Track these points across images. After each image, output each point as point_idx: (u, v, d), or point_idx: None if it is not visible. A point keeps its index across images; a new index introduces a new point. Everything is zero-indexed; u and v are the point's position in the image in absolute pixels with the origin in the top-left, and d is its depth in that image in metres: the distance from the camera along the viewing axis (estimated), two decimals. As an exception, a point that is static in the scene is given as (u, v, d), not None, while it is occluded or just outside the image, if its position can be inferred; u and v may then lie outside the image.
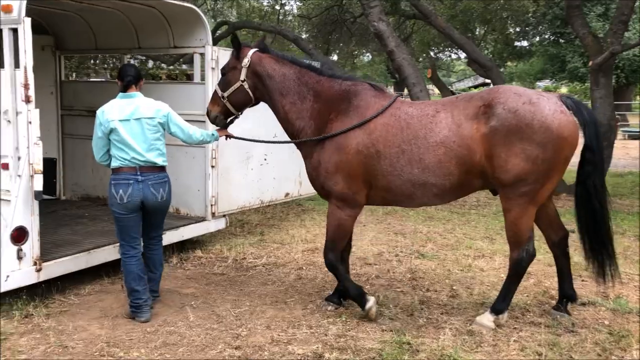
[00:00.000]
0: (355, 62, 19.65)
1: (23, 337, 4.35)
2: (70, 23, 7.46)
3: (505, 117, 4.20)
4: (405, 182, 4.45)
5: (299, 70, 4.77)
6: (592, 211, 4.51)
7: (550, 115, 4.17)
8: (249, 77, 4.77)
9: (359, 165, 4.51)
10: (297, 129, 4.77)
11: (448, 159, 4.32)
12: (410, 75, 9.61)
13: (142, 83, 4.80)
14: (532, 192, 4.23)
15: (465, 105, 4.40)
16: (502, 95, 4.32)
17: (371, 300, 4.65)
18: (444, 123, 4.35)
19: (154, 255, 4.96)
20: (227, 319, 4.72)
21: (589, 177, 4.45)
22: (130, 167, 4.55)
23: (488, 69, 10.97)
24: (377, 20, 9.48)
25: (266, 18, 14.81)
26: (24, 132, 4.66)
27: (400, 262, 6.40)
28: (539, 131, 4.14)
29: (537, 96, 4.27)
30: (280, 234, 7.61)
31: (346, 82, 4.74)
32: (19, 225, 4.66)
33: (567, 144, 4.19)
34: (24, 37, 4.60)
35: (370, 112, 4.54)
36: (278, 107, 4.81)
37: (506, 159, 4.19)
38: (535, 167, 4.17)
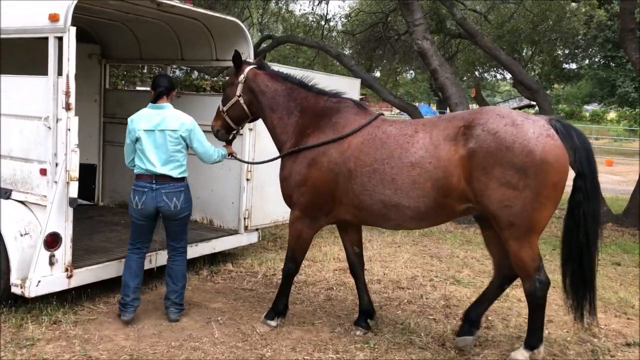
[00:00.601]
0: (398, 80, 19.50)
1: (49, 344, 4.36)
2: (116, 33, 7.60)
3: (484, 139, 3.99)
4: (376, 202, 4.34)
5: (290, 87, 4.85)
6: (578, 245, 4.16)
7: (534, 138, 3.91)
8: (244, 93, 4.92)
9: (328, 182, 4.50)
10: (281, 142, 4.88)
11: (423, 181, 4.15)
12: (453, 94, 9.43)
13: (174, 94, 4.90)
14: (523, 221, 3.96)
15: (446, 126, 4.21)
16: (483, 116, 4.12)
17: (275, 323, 4.83)
18: (421, 143, 4.21)
19: (176, 267, 4.95)
20: (252, 337, 4.63)
21: (578, 206, 4.10)
22: (147, 175, 4.69)
23: (534, 91, 10.67)
24: (422, 38, 9.35)
25: (310, 33, 14.84)
26: (63, 138, 4.71)
27: (434, 287, 6.20)
28: (520, 155, 3.89)
29: (522, 119, 4.02)
30: (313, 251, 7.50)
31: (332, 99, 4.76)
32: (52, 231, 4.69)
33: (552, 169, 3.88)
34: (68, 45, 4.66)
35: (346, 130, 4.52)
36: (268, 122, 4.95)
37: (486, 183, 3.97)
38: (518, 193, 3.91)
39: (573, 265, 4.24)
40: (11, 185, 5.11)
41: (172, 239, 4.93)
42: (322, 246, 7.79)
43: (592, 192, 4.09)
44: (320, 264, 6.93)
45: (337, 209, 4.57)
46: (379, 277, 6.44)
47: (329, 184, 4.49)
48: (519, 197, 3.91)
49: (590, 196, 4.09)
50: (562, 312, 5.62)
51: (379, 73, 18.07)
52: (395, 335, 4.77)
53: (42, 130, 4.81)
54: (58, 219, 4.73)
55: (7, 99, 5.10)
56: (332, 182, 4.48)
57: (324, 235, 8.53)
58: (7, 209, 4.93)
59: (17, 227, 4.83)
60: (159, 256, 5.51)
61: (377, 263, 7.07)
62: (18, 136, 5.03)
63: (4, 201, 5.02)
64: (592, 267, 4.20)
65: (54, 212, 4.70)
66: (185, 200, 4.77)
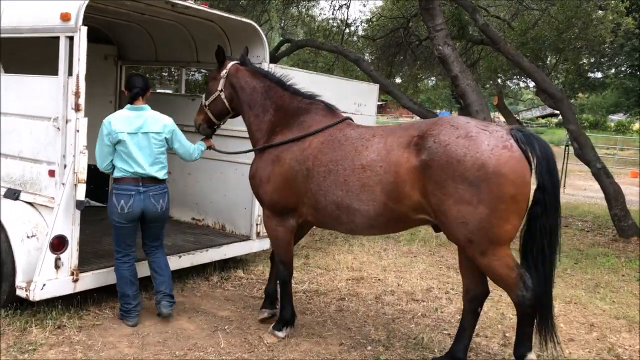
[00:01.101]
0: (419, 86, 19.25)
1: (52, 349, 4.26)
2: (133, 34, 7.56)
3: (435, 152, 3.84)
4: (330, 203, 4.30)
5: (268, 85, 4.86)
6: (533, 259, 3.92)
7: (488, 151, 3.72)
8: (226, 88, 4.96)
9: (289, 180, 4.49)
10: (255, 140, 4.89)
11: (373, 184, 4.07)
12: (474, 102, 9.19)
13: (149, 94, 4.86)
14: (482, 237, 3.77)
15: (402, 134, 4.12)
16: (437, 127, 3.96)
17: (284, 334, 4.69)
18: (374, 147, 4.15)
19: (157, 259, 4.97)
20: (259, 348, 4.48)
21: (536, 220, 3.88)
22: (132, 178, 4.65)
23: (558, 100, 10.37)
24: (442, 44, 9.14)
25: (330, 38, 14.71)
26: (72, 140, 4.62)
27: (450, 300, 5.99)
28: (471, 169, 3.70)
29: (478, 130, 3.82)
30: (326, 259, 7.34)
31: (305, 100, 4.77)
32: (59, 233, 4.61)
33: (508, 181, 3.68)
34: (79, 45, 4.58)
35: (311, 130, 4.54)
36: (245, 118, 4.96)
37: (442, 198, 3.80)
38: (472, 209, 3.72)
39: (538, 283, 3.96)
40: (20, 186, 5.05)
41: (151, 240, 4.94)
42: (335, 254, 7.62)
43: (551, 206, 3.88)
44: (333, 272, 6.76)
45: (301, 208, 4.53)
46: (392, 288, 6.25)
47: (290, 182, 4.49)
48: (474, 213, 3.73)
49: (549, 210, 3.88)
50: (583, 330, 5.38)
51: (399, 79, 17.87)
52: (408, 351, 4.59)
53: (52, 131, 4.74)
54: (65, 221, 4.64)
55: (18, 99, 5.04)
56: (293, 180, 4.47)
57: (338, 242, 8.37)
58: (15, 210, 4.87)
59: (24, 228, 4.75)
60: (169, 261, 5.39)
61: (392, 273, 6.88)
62: (28, 136, 4.97)
63: (12, 202, 4.95)
64: (547, 283, 3.96)
65: (60, 214, 4.62)
66: (168, 201, 4.85)
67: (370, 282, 6.48)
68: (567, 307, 6.02)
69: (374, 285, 6.37)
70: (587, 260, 8.29)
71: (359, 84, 8.46)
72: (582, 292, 6.62)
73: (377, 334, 4.91)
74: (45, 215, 4.84)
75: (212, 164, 6.68)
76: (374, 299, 5.86)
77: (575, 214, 12.86)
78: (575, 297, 6.35)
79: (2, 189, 5.14)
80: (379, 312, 5.50)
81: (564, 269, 7.72)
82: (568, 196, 14.88)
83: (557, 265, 4.06)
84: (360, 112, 7.93)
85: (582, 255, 8.60)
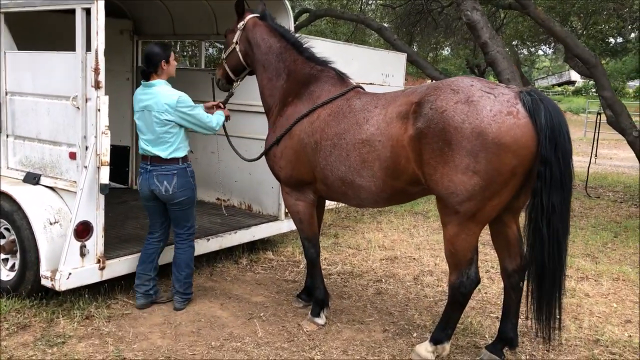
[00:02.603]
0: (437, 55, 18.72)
1: (81, 341, 4.04)
2: (149, 7, 7.20)
3: (430, 119, 3.52)
4: (336, 179, 4.10)
5: (285, 46, 4.56)
6: (539, 241, 3.52)
7: (489, 117, 3.36)
8: (241, 42, 4.68)
9: (300, 153, 4.28)
10: (268, 105, 4.64)
11: (372, 160, 3.84)
12: (504, 70, 8.74)
13: (164, 66, 4.43)
14: (469, 209, 3.47)
15: (402, 101, 3.80)
16: (435, 91, 3.61)
17: (323, 320, 4.44)
18: (375, 120, 3.88)
19: (179, 254, 4.66)
20: (299, 337, 4.23)
21: (536, 195, 3.48)
22: (144, 156, 4.51)
23: (592, 66, 9.87)
24: (471, 9, 8.67)
25: (347, 7, 14.21)
26: (93, 120, 4.34)
27: (491, 280, 5.70)
28: (469, 137, 3.36)
29: (482, 93, 3.45)
30: (356, 238, 7.06)
31: (316, 66, 4.49)
32: (83, 219, 4.35)
33: (509, 152, 3.33)
34: (96, 17, 4.25)
35: (320, 100, 4.28)
36: (259, 80, 4.70)
37: (435, 167, 3.50)
38: (467, 179, 3.40)
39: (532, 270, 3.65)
40: (40, 169, 4.80)
41: (174, 225, 4.66)
42: (364, 232, 7.34)
43: (554, 181, 3.43)
44: (365, 252, 6.48)
45: (314, 183, 4.32)
46: (430, 268, 5.97)
47: (301, 155, 4.27)
48: (467, 184, 3.41)
49: (552, 186, 3.44)
50: (638, 309, 5.07)
51: (417, 48, 17.34)
52: (457, 338, 4.30)
53: (71, 111, 4.45)
54: (89, 206, 4.38)
55: (34, 77, 4.76)
56: (303, 153, 4.25)
57: (365, 220, 8.08)
58: (36, 196, 4.62)
59: (46, 214, 4.51)
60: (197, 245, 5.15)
61: (427, 252, 6.59)
62: (46, 117, 4.70)
63: (33, 187, 4.70)
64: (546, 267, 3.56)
65: (84, 199, 4.35)
66: (179, 185, 4.43)
67: (405, 261, 6.20)
68: (615, 285, 5.71)
69: (409, 265, 6.09)
70: (626, 233, 7.94)
71: (386, 53, 8.06)
72: (629, 267, 6.29)
73: (421, 319, 4.64)
74: (67, 200, 4.60)
75: (236, 141, 6.37)
76: (412, 280, 5.58)
77: (605, 184, 12.45)
78: (622, 274, 6.03)
79: (21, 172, 4.89)
80: (420, 294, 5.22)
81: (604, 242, 7.39)
82: (596, 166, 14.43)
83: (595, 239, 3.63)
84: (387, 83, 7.57)
85: (620, 228, 8.25)
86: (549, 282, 3.61)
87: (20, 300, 4.52)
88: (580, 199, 10.33)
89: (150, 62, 4.41)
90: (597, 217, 8.97)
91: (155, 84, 4.39)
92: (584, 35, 15.60)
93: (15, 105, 4.95)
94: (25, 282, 4.55)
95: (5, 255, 4.73)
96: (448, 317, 3.88)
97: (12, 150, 5.04)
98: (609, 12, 12.20)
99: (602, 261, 6.53)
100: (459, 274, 3.68)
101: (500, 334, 4.02)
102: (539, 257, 3.57)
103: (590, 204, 9.98)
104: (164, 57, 4.41)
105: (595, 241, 7.38)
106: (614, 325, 4.67)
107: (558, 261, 3.58)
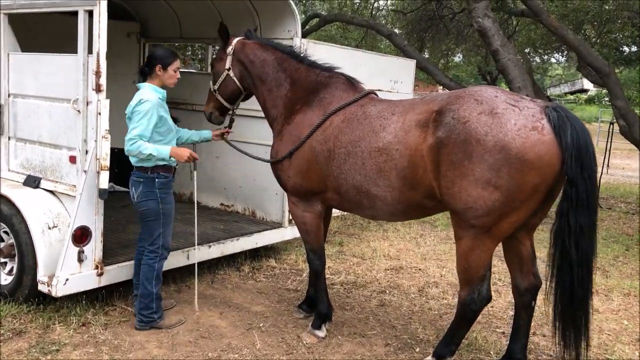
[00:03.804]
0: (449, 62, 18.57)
1: (76, 349, 3.96)
2: (157, 10, 7.16)
3: (452, 129, 3.40)
4: (350, 188, 3.97)
5: (280, 57, 4.49)
6: (567, 262, 3.40)
7: (514, 131, 3.24)
8: (234, 66, 4.58)
9: (311, 162, 4.14)
10: (272, 117, 4.54)
11: (389, 169, 3.71)
12: (515, 78, 8.63)
13: (157, 70, 4.23)
14: (485, 224, 3.37)
15: (422, 109, 3.68)
16: (458, 100, 3.48)
17: (323, 333, 4.34)
18: (392, 127, 3.75)
19: (141, 269, 4.31)
20: (298, 350, 4.12)
21: (562, 216, 3.38)
22: None
23: (604, 75, 9.71)
24: (483, 16, 8.57)
25: (358, 13, 14.13)
26: (93, 123, 4.27)
27: (498, 293, 5.56)
28: (492, 150, 3.25)
29: (507, 106, 3.34)
30: (361, 246, 6.95)
31: (323, 73, 4.39)
32: (81, 225, 4.28)
33: (532, 168, 3.22)
34: (99, 20, 4.18)
35: (331, 107, 4.16)
36: (258, 94, 4.60)
37: (453, 179, 3.38)
38: (488, 194, 3.28)
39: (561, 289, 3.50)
40: (41, 173, 4.74)
41: (140, 235, 4.41)
42: (370, 241, 7.23)
43: (581, 202, 3.34)
44: (370, 261, 6.37)
45: (325, 192, 4.18)
46: (435, 280, 5.84)
47: (312, 164, 4.14)
48: (487, 199, 3.30)
49: (579, 207, 3.34)
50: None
51: (428, 54, 17.22)
52: (461, 353, 4.18)
53: (72, 114, 4.38)
54: (87, 211, 4.31)
55: (36, 79, 4.71)
56: (315, 162, 4.12)
57: (372, 228, 7.97)
58: (35, 199, 4.55)
59: (44, 219, 4.44)
60: (198, 252, 5.07)
61: (432, 262, 6.46)
62: (47, 120, 4.64)
63: (32, 190, 4.64)
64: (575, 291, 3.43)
65: (83, 203, 4.28)
66: (143, 194, 4.17)
67: (410, 272, 6.08)
68: (626, 301, 5.55)
69: (414, 276, 5.96)
70: (638, 246, 7.77)
71: (395, 59, 7.94)
72: (637, 282, 6.13)
73: (425, 333, 4.52)
74: (67, 205, 4.53)
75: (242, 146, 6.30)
76: (417, 292, 5.46)
77: (617, 195, 12.26)
78: (634, 289, 5.87)
79: (22, 176, 4.84)
80: (424, 307, 5.10)
81: (615, 256, 7.23)
82: (607, 176, 14.22)
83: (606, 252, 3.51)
84: (396, 89, 7.45)
85: (632, 241, 8.07)
86: (577, 304, 3.48)
87: (17, 305, 4.46)
88: (592, 210, 10.13)
89: (148, 63, 4.29)
90: (609, 229, 8.80)
91: (141, 87, 4.25)
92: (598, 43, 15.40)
93: (17, 108, 4.90)
94: (23, 286, 4.49)
95: (3, 259, 4.68)
96: (453, 333, 3.77)
97: (14, 153, 4.99)
98: (624, 21, 12.00)
99: (612, 275, 6.37)
100: (470, 290, 3.57)
101: (509, 354, 3.90)
102: (567, 279, 3.45)
103: (601, 215, 9.79)
104: (161, 62, 4.24)
105: (606, 254, 7.22)
106: (624, 344, 4.53)
107: (587, 283, 3.47)
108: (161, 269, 4.37)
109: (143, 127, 4.03)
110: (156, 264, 4.30)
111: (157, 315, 4.34)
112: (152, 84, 4.25)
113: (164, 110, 4.25)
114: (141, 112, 4.05)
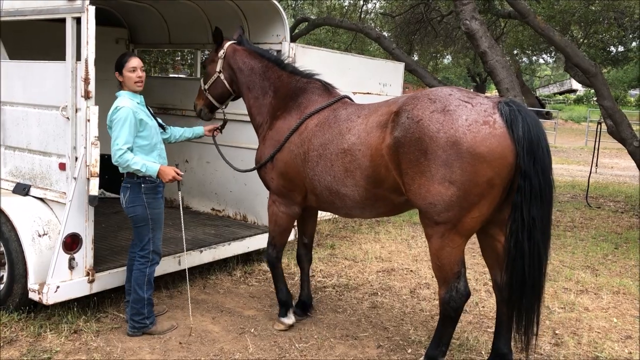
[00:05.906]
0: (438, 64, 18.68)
1: (68, 357, 3.95)
2: (144, 16, 7.16)
3: (407, 128, 3.50)
4: (324, 189, 4.12)
5: (266, 65, 4.64)
6: (520, 255, 3.45)
7: (465, 126, 3.31)
8: (224, 69, 4.73)
9: (290, 165, 4.30)
10: (257, 124, 4.69)
11: (353, 169, 3.87)
12: (503, 79, 8.67)
13: (118, 77, 4.26)
14: (448, 220, 3.43)
15: (384, 111, 3.81)
16: (413, 100, 3.59)
17: (291, 320, 4.54)
18: (356, 129, 3.90)
19: (133, 273, 4.31)
20: (290, 353, 4.14)
21: (516, 209, 3.42)
22: None
23: (591, 75, 9.80)
24: (470, 18, 8.61)
25: (346, 16, 14.18)
26: (82, 130, 4.27)
27: (489, 293, 5.59)
28: (445, 146, 3.33)
29: (460, 103, 3.42)
30: (353, 249, 6.97)
31: (302, 79, 4.55)
32: (72, 232, 4.27)
33: (484, 162, 3.28)
34: (86, 27, 4.19)
35: (307, 111, 4.32)
36: (245, 100, 4.74)
37: (413, 177, 3.48)
38: (444, 190, 3.35)
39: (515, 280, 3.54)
40: (30, 180, 4.73)
41: (133, 240, 4.41)
42: (362, 243, 7.25)
43: (533, 195, 3.39)
44: (362, 263, 6.39)
45: (308, 193, 4.31)
46: (427, 281, 5.87)
47: (291, 167, 4.29)
48: (444, 195, 3.37)
49: (532, 199, 3.39)
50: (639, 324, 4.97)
51: (417, 57, 17.31)
52: (453, 354, 4.21)
53: (61, 121, 4.38)
54: (78, 218, 4.30)
55: (24, 86, 4.70)
56: (293, 165, 4.27)
57: (363, 230, 8.00)
58: (25, 207, 4.54)
59: (34, 226, 4.44)
60: (190, 257, 5.08)
61: (424, 263, 6.49)
62: (36, 127, 4.63)
63: (22, 198, 4.63)
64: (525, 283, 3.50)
65: (73, 211, 4.27)
66: (130, 201, 4.19)
67: (402, 273, 6.11)
68: (616, 299, 5.61)
69: (406, 277, 5.99)
70: (627, 244, 7.84)
71: (383, 62, 8.00)
72: (629, 280, 6.19)
73: (416, 334, 4.54)
74: (57, 212, 4.52)
75: (232, 151, 6.31)
76: (408, 294, 5.49)
77: (606, 194, 12.35)
78: (623, 287, 5.93)
79: (11, 183, 4.82)
80: (416, 308, 5.12)
81: (605, 254, 7.29)
82: (597, 175, 14.34)
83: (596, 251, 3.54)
84: (385, 92, 7.51)
85: (621, 239, 8.14)
86: (529, 294, 3.55)
87: (7, 314, 4.44)
88: (581, 209, 10.24)
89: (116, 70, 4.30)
90: (598, 227, 8.87)
91: (118, 95, 4.27)
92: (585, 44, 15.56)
93: (6, 115, 4.89)
94: (13, 295, 4.47)
95: (-7, 267, 4.66)
96: (441, 333, 3.80)
97: (3, 161, 4.97)
98: (610, 21, 12.14)
99: (602, 273, 6.43)
100: (448, 288, 3.62)
101: (495, 350, 3.94)
102: (519, 270, 3.51)
103: (590, 214, 9.88)
104: (116, 68, 4.25)
105: (596, 253, 7.28)
106: (614, 342, 4.57)
107: (538, 274, 3.54)
108: (152, 274, 4.37)
109: (125, 135, 4.06)
110: (147, 269, 4.30)
111: (149, 321, 4.34)
112: (124, 91, 4.28)
113: (145, 114, 4.27)
114: (120, 120, 4.07)
